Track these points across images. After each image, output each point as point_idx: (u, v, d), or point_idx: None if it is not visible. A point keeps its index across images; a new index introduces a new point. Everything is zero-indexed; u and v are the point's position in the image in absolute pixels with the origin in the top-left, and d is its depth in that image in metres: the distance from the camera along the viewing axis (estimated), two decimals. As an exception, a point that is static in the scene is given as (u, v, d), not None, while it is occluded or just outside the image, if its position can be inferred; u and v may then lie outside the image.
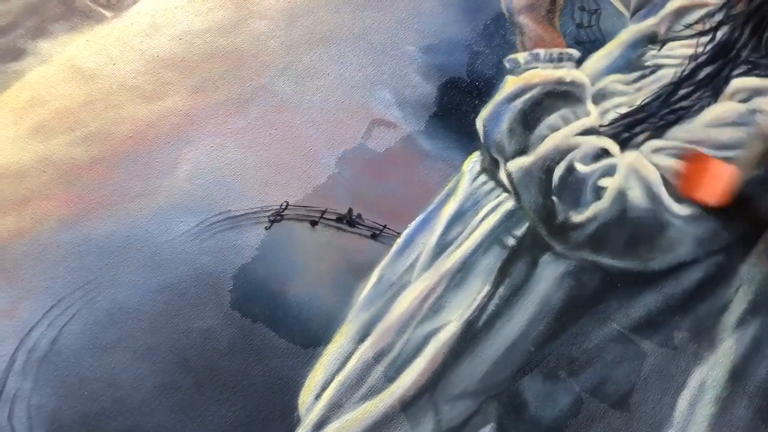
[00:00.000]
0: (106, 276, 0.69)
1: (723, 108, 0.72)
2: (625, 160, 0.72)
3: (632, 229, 0.70)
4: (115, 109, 0.77)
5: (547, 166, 0.73)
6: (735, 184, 0.68)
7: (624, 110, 0.76)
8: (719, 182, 0.69)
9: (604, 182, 0.71)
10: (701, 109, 0.73)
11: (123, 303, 0.68)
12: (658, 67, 0.78)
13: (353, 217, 0.73)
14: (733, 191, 0.69)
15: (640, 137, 0.73)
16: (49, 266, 0.69)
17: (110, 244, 0.71)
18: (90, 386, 0.64)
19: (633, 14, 0.83)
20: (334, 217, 0.73)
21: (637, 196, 0.70)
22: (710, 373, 0.68)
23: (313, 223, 0.73)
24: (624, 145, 0.73)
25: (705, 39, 0.76)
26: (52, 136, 0.75)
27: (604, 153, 0.72)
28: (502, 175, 0.75)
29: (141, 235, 0.71)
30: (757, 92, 0.72)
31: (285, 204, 0.73)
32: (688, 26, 0.78)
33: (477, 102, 0.81)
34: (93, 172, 0.74)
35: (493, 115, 0.77)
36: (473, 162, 0.78)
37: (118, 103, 0.77)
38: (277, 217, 0.73)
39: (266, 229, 0.72)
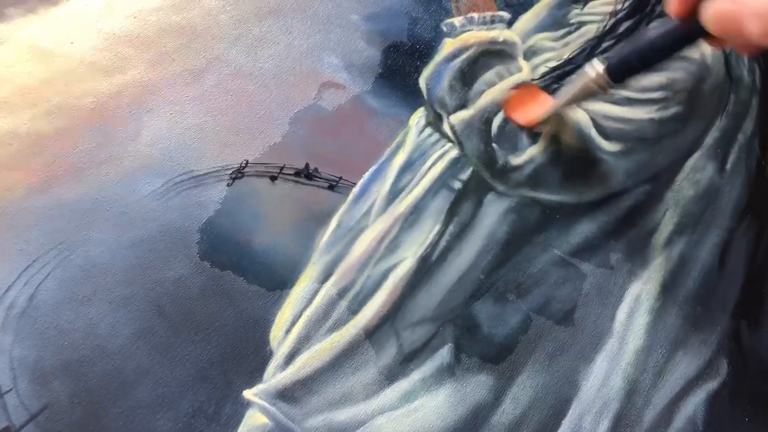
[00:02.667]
0: (78, 236, 0.71)
1: (642, 57, 0.78)
2: (556, 107, 0.77)
3: (566, 167, 0.76)
4: (77, 84, 0.78)
5: (486, 118, 0.78)
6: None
7: (553, 64, 0.82)
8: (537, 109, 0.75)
9: (538, 128, 0.77)
10: (623, 59, 0.79)
11: (96, 259, 0.70)
12: (582, 24, 0.84)
13: (310, 171, 0.76)
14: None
15: (569, 87, 0.79)
16: (22, 230, 0.70)
17: (80, 207, 0.72)
18: (69, 336, 0.66)
19: (557, -22, 0.89)
20: (292, 172, 0.76)
21: (569, 137, 0.76)
22: (644, 288, 0.73)
23: (273, 178, 0.76)
24: (555, 94, 0.79)
25: (622, -4, 0.83)
26: (15, 112, 0.76)
27: (538, 102, 0.78)
28: (446, 128, 0.80)
29: (110, 197, 0.73)
30: (672, 42, 0.78)
31: (245, 162, 0.76)
32: (607, -14, 0.85)
33: (419, 63, 0.85)
34: (59, 143, 0.75)
35: (434, 74, 0.83)
36: (419, 117, 0.82)
37: (79, 78, 0.79)
38: (238, 174, 0.75)
39: (228, 185, 0.75)
